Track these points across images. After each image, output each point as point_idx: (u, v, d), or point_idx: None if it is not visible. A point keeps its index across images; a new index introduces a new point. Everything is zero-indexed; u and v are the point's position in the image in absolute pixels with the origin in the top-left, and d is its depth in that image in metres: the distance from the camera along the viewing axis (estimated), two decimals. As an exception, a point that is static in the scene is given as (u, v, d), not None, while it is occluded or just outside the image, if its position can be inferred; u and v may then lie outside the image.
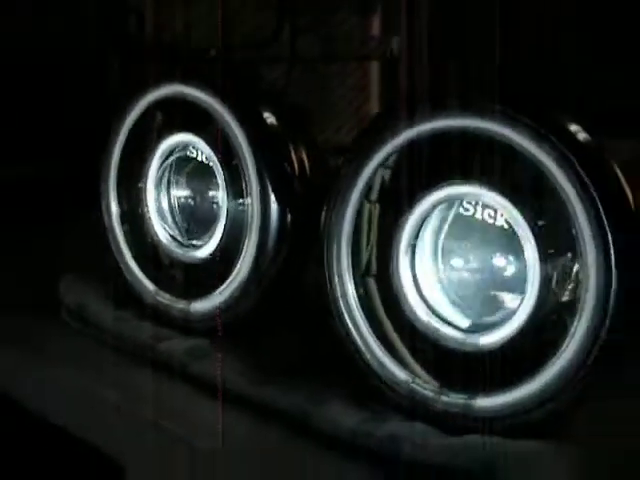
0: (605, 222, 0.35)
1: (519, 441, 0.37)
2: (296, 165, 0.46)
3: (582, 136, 0.37)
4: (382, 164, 0.42)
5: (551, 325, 0.38)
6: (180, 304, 0.50)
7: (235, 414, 0.43)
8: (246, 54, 1.09)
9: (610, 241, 0.35)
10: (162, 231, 0.52)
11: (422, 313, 0.41)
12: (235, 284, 0.48)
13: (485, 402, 0.39)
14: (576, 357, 0.36)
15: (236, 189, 0.47)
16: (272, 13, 1.13)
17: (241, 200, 0.47)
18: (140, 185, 0.52)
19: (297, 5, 1.13)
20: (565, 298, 0.37)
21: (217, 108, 0.47)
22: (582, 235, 0.36)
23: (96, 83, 0.84)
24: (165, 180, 0.52)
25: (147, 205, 0.52)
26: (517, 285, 0.39)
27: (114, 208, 0.54)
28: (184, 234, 0.51)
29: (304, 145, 0.47)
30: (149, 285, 0.52)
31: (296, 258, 0.47)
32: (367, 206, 0.43)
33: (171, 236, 0.52)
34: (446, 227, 0.41)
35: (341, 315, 0.42)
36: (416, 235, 0.41)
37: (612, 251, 0.35)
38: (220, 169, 0.48)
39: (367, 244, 0.43)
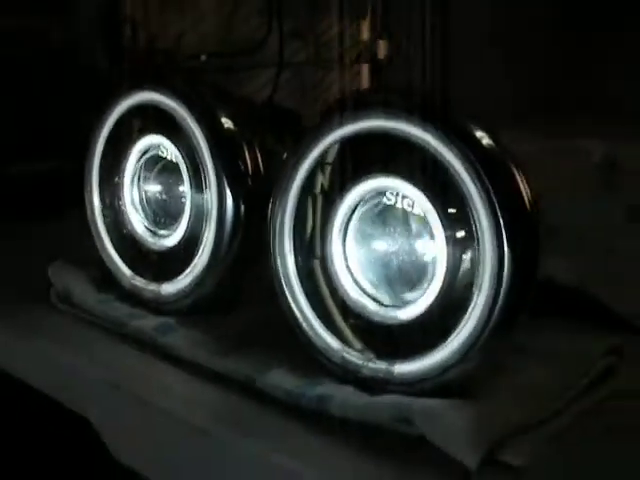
0: (499, 214, 0.41)
1: (431, 399, 0.43)
2: (249, 163, 0.53)
3: (485, 140, 0.43)
4: (320, 160, 0.48)
5: (458, 301, 0.44)
6: (152, 287, 0.57)
7: (193, 380, 0.50)
8: (237, 60, 1.16)
9: (503, 230, 0.41)
10: (137, 222, 0.59)
11: (352, 291, 0.47)
12: (198, 268, 0.54)
13: (403, 368, 0.45)
14: (477, 326, 0.42)
15: (199, 185, 0.54)
16: (261, 21, 1.19)
17: (203, 195, 0.54)
18: (117, 181, 0.59)
19: (285, 12, 1.20)
20: (465, 279, 0.43)
21: (182, 113, 0.53)
22: (481, 224, 0.42)
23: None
24: (138, 177, 0.59)
25: (123, 199, 0.59)
26: (430, 266, 0.45)
27: (96, 202, 0.60)
28: (155, 225, 0.58)
29: (258, 146, 0.54)
30: (126, 270, 0.59)
31: (249, 244, 0.53)
32: (310, 197, 0.49)
33: (145, 227, 0.59)
34: (372, 215, 0.47)
35: (283, 293, 0.49)
36: (347, 222, 0.47)
37: (505, 238, 0.41)
38: (185, 167, 0.55)
39: (311, 230, 0.49)
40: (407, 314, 0.45)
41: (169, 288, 0.56)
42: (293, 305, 0.48)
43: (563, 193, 0.95)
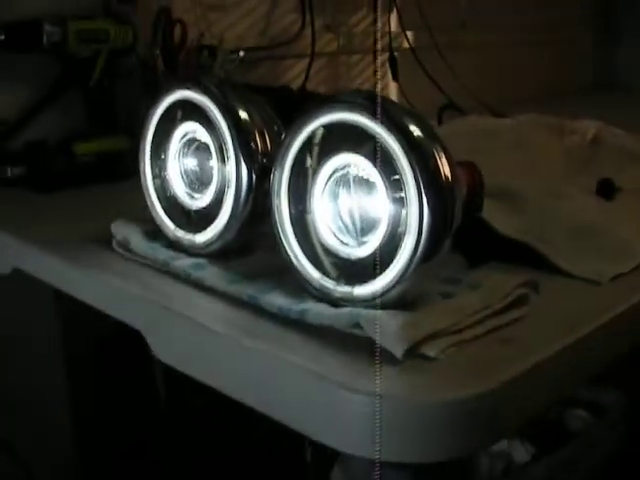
0: (421, 183, 0.60)
1: (377, 311, 0.62)
2: (259, 144, 0.72)
3: (414, 129, 0.61)
4: (308, 141, 0.67)
5: (396, 242, 0.62)
6: (189, 236, 0.77)
7: (217, 302, 0.70)
8: (275, 52, 1.35)
9: (423, 194, 0.60)
10: (178, 188, 0.79)
11: (328, 235, 0.66)
12: (222, 222, 0.74)
13: (360, 290, 0.64)
14: (407, 259, 0.61)
15: (223, 161, 0.74)
16: (297, 16, 1.39)
17: (226, 168, 0.74)
18: (163, 157, 0.79)
19: (318, 8, 1.39)
20: (402, 228, 0.62)
21: (211, 108, 0.73)
22: (409, 189, 0.60)
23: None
24: (179, 154, 0.79)
25: (168, 170, 0.79)
26: (379, 217, 0.63)
27: (148, 173, 0.81)
28: (192, 190, 0.78)
29: (266, 129, 0.73)
30: (170, 224, 0.79)
31: (259, 205, 0.72)
32: (301, 169, 0.68)
33: (184, 191, 0.79)
34: (341, 181, 0.66)
35: (280, 238, 0.68)
36: (324, 186, 0.66)
37: (424, 201, 0.60)
38: (213, 147, 0.74)
39: (302, 192, 0.68)
40: (363, 252, 0.64)
41: (201, 237, 0.76)
42: (287, 247, 0.68)
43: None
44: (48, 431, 1.19)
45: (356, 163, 0.64)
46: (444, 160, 0.61)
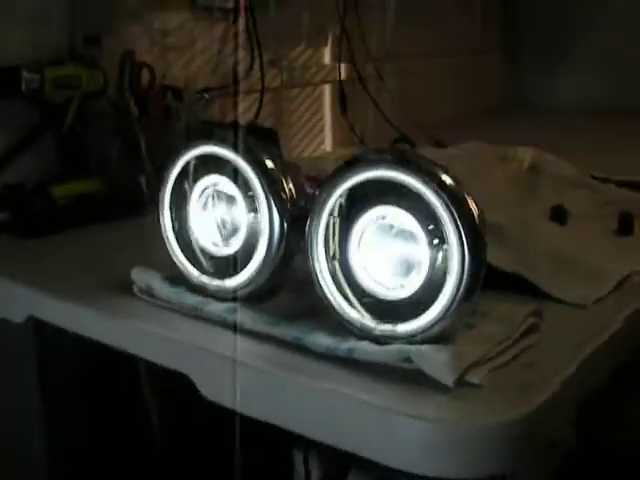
0: (461, 229, 0.69)
1: (422, 346, 0.70)
2: (287, 191, 0.79)
3: (449, 182, 0.70)
4: (340, 195, 0.74)
5: (436, 283, 0.71)
6: (216, 282, 0.83)
7: (258, 344, 0.76)
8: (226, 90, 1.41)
9: (464, 239, 0.68)
10: (201, 237, 0.85)
11: (367, 280, 0.74)
12: (252, 268, 0.80)
13: (402, 328, 0.72)
14: (449, 298, 0.69)
15: (250, 209, 0.80)
16: (245, 53, 1.45)
17: (255, 215, 0.80)
18: (182, 208, 0.85)
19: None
20: (438, 270, 0.70)
21: (239, 162, 0.79)
22: (449, 235, 0.69)
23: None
24: (202, 204, 0.85)
25: (189, 220, 0.85)
26: (419, 264, 0.72)
27: (167, 222, 0.86)
28: (216, 238, 0.84)
29: (291, 180, 0.80)
30: (194, 271, 0.85)
31: (290, 251, 0.79)
32: (332, 219, 0.76)
33: (208, 240, 0.85)
34: (377, 230, 0.74)
35: (319, 283, 0.75)
36: (360, 236, 0.74)
37: (465, 244, 0.68)
38: (240, 197, 0.81)
39: (333, 242, 0.76)
40: (404, 293, 0.72)
41: (231, 282, 0.82)
42: (327, 292, 0.75)
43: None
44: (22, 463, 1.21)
45: (391, 214, 0.72)
46: (473, 202, 0.70)
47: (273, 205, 0.78)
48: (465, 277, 0.69)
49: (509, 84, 2.22)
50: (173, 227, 0.86)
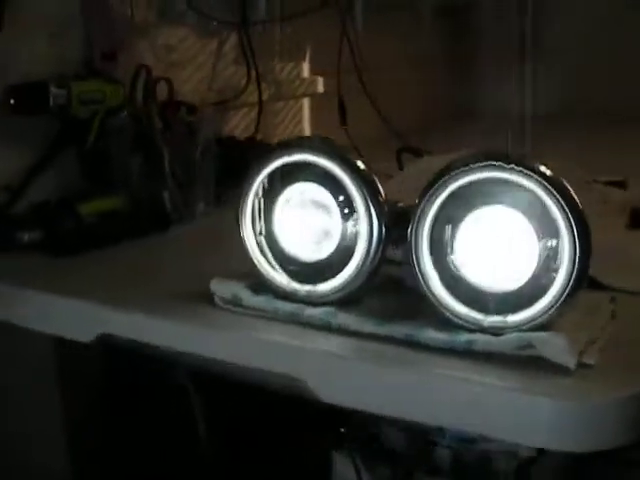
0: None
1: (538, 333, 0.75)
2: (383, 196, 0.83)
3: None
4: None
5: (544, 278, 0.76)
6: (307, 287, 0.86)
7: (365, 343, 0.80)
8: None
9: (575, 232, 0.74)
10: (288, 243, 0.87)
11: (477, 277, 0.79)
12: (350, 272, 0.84)
13: (512, 318, 0.77)
14: (558, 292, 0.75)
15: (346, 215, 0.84)
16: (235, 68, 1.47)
17: (348, 219, 0.84)
18: (267, 216, 0.87)
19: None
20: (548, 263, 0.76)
21: (337, 170, 0.83)
22: (561, 229, 0.75)
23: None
24: (292, 212, 0.87)
25: (275, 228, 0.88)
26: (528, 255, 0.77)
27: (250, 233, 0.88)
28: (310, 245, 0.87)
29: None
30: (283, 278, 0.87)
31: (384, 256, 0.83)
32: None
33: (297, 246, 0.87)
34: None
35: (426, 283, 0.79)
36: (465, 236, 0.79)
37: (576, 237, 0.74)
38: (335, 203, 0.84)
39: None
40: (514, 285, 0.77)
41: (325, 286, 0.85)
42: (435, 290, 0.79)
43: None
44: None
45: (500, 213, 0.78)
46: (577, 197, 0.76)
47: (372, 208, 0.82)
48: (576, 269, 0.75)
49: (465, 91, 2.31)
50: (255, 236, 0.88)
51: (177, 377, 1.04)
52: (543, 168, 0.76)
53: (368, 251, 0.83)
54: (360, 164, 0.83)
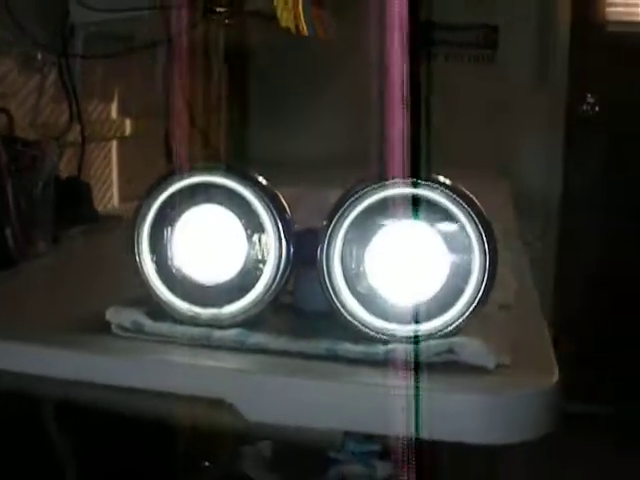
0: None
1: (457, 338, 0.80)
2: (289, 217, 0.84)
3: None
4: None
5: (453, 287, 0.82)
6: (211, 310, 0.85)
7: (280, 360, 0.80)
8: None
9: (486, 245, 0.80)
10: (188, 268, 0.86)
11: (385, 288, 0.82)
12: (257, 292, 0.84)
13: (425, 327, 0.81)
14: (470, 298, 0.81)
15: (250, 235, 0.84)
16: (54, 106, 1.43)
17: (256, 242, 0.84)
18: (164, 241, 0.85)
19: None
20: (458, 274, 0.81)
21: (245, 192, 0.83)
22: (473, 248, 0.80)
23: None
24: (190, 236, 0.86)
25: (175, 254, 0.86)
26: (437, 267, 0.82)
27: (148, 258, 0.86)
28: (211, 268, 0.86)
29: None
30: (182, 304, 0.85)
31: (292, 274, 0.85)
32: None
33: (195, 270, 0.86)
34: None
35: (337, 298, 0.82)
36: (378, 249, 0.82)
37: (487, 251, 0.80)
38: (240, 224, 0.84)
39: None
40: (426, 296, 0.82)
41: (231, 309, 0.84)
42: (347, 304, 0.82)
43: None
44: None
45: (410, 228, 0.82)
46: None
47: (280, 227, 0.83)
48: (485, 279, 0.80)
49: (249, 140, 2.36)
50: (153, 262, 0.86)
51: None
52: (449, 182, 0.82)
53: (277, 269, 0.84)
54: (265, 183, 0.85)
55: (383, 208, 0.82)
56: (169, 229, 0.86)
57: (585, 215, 2.77)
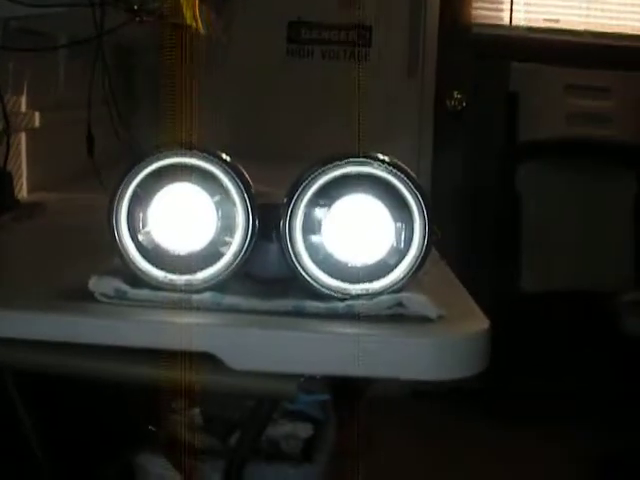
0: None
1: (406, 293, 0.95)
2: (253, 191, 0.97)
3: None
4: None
5: (398, 251, 0.97)
6: (186, 276, 0.96)
7: (254, 317, 0.93)
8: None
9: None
10: (163, 239, 0.97)
11: (341, 253, 0.97)
12: (228, 259, 0.96)
13: (376, 285, 0.96)
14: (411, 262, 0.96)
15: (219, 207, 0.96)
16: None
17: (224, 215, 0.96)
18: (141, 215, 0.96)
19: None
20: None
21: (214, 170, 0.95)
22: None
23: None
24: (166, 210, 0.97)
25: (149, 226, 0.96)
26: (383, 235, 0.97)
27: (125, 232, 0.96)
28: (185, 238, 0.97)
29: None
30: (159, 272, 0.96)
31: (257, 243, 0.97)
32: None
33: (170, 241, 0.97)
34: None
35: (298, 263, 0.95)
36: (335, 218, 0.97)
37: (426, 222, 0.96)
38: (211, 201, 0.96)
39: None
40: (375, 258, 0.96)
41: (203, 275, 0.96)
42: (305, 271, 0.95)
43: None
44: None
45: (360, 201, 0.97)
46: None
47: (247, 201, 0.96)
48: (425, 243, 0.96)
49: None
50: (131, 236, 0.97)
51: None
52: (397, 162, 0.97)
53: (244, 239, 0.96)
54: (231, 160, 0.97)
55: (336, 184, 0.96)
56: (145, 206, 0.97)
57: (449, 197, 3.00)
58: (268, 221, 0.98)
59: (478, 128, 3.02)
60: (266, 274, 1.02)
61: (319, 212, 0.97)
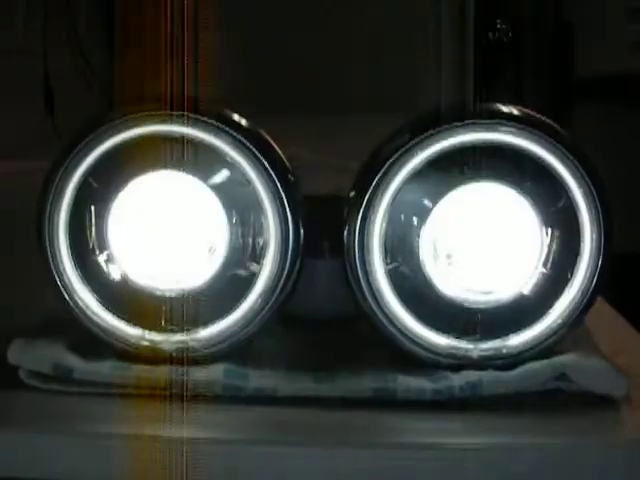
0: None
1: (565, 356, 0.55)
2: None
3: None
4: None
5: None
6: (177, 337, 0.55)
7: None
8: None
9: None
10: (136, 271, 0.56)
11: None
12: (249, 305, 0.55)
13: (511, 341, 0.55)
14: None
15: (235, 220, 0.55)
16: None
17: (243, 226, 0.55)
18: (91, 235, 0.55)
19: None
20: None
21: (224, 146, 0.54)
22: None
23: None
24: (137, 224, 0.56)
25: (115, 250, 0.56)
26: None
27: (67, 261, 0.55)
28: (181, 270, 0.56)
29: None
30: (134, 330, 0.55)
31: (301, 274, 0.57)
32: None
33: (150, 274, 0.56)
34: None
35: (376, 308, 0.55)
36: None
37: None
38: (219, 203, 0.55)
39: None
40: (510, 294, 0.56)
41: (208, 332, 0.55)
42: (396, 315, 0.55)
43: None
44: None
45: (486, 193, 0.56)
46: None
47: (285, 200, 0.55)
48: (599, 266, 0.55)
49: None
50: (76, 263, 0.56)
51: None
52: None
53: (281, 267, 0.55)
54: (253, 127, 0.56)
55: (442, 165, 0.55)
56: (101, 211, 0.56)
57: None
58: (313, 224, 0.57)
59: (526, 63, 2.60)
60: (323, 314, 0.62)
61: (413, 215, 0.56)
